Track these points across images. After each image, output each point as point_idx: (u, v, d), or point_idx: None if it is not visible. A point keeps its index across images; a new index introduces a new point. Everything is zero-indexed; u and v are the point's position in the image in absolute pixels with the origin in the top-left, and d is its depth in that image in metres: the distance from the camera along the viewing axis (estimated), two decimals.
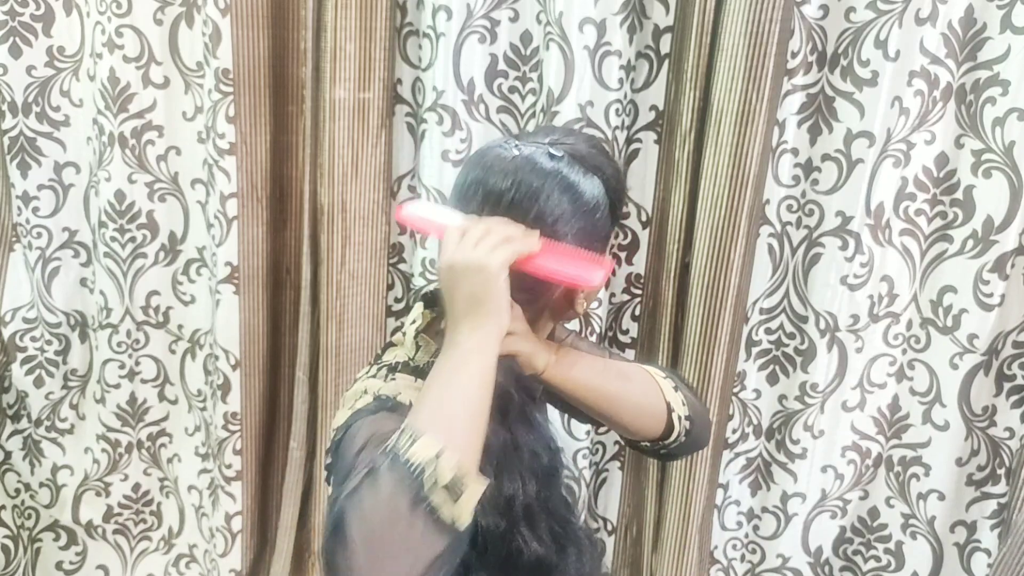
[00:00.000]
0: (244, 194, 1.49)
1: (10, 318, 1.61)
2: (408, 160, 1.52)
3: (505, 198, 0.73)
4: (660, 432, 0.85)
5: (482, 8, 1.37)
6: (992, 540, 1.40)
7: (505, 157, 0.75)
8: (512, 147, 0.76)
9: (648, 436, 0.87)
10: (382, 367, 0.82)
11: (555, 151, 0.75)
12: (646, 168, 1.43)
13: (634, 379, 0.85)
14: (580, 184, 0.75)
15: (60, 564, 1.75)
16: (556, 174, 0.74)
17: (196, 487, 1.72)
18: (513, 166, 0.74)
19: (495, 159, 0.76)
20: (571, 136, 0.80)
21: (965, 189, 1.31)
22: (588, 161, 0.77)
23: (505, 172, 0.73)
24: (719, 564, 1.58)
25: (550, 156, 0.75)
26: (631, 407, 0.84)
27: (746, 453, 1.52)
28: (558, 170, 0.74)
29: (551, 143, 0.77)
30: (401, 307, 1.60)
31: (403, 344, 0.84)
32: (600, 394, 0.82)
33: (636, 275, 1.48)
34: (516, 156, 0.75)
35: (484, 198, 0.74)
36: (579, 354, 0.83)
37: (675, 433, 0.86)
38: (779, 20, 1.21)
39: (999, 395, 1.36)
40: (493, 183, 0.74)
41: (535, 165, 0.74)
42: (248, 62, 1.43)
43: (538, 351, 0.78)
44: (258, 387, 1.60)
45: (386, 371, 0.81)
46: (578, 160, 0.76)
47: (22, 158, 1.53)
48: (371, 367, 0.84)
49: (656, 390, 0.85)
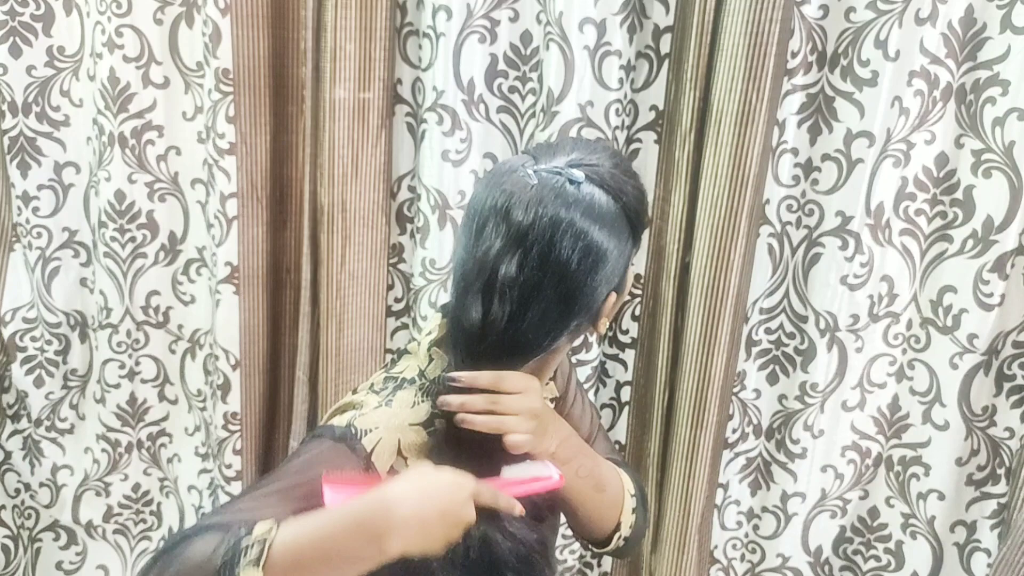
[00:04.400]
0: (244, 194, 1.49)
1: (10, 318, 1.61)
2: (408, 160, 1.52)
3: (528, 237, 0.71)
4: (598, 540, 0.90)
5: (482, 8, 1.37)
6: (992, 540, 1.40)
7: (526, 184, 0.73)
8: (531, 170, 0.74)
9: (587, 538, 0.92)
10: (390, 379, 0.82)
11: (576, 175, 0.73)
12: (646, 168, 1.43)
13: (607, 492, 0.87)
14: (599, 225, 0.73)
15: (60, 564, 1.75)
16: (577, 208, 0.72)
17: (196, 487, 1.72)
18: (536, 197, 0.72)
19: (515, 185, 0.73)
20: (594, 154, 0.77)
21: (965, 189, 1.31)
22: (609, 183, 0.75)
23: (526, 204, 0.71)
24: (719, 564, 1.58)
25: (571, 183, 0.73)
26: (592, 516, 0.87)
27: (746, 453, 1.53)
28: (579, 203, 0.72)
29: (571, 165, 0.75)
30: (401, 307, 1.60)
31: (417, 354, 0.83)
32: (573, 497, 0.83)
33: (636, 275, 1.48)
34: (535, 185, 0.72)
35: (507, 230, 0.72)
36: (577, 449, 0.83)
37: (608, 546, 0.90)
38: (779, 20, 1.21)
39: (999, 395, 1.36)
40: (515, 216, 0.71)
41: (556, 196, 0.72)
42: (248, 62, 1.43)
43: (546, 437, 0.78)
44: (258, 387, 1.60)
45: (392, 387, 0.80)
46: (599, 183, 0.74)
47: (22, 158, 1.53)
48: (384, 376, 0.83)
49: (618, 507, 0.89)
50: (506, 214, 0.72)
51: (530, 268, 0.71)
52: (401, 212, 1.55)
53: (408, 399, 0.79)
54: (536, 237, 0.71)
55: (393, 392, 0.80)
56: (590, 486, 0.84)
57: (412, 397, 0.79)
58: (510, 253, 0.71)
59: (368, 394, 0.80)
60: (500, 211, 0.72)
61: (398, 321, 1.61)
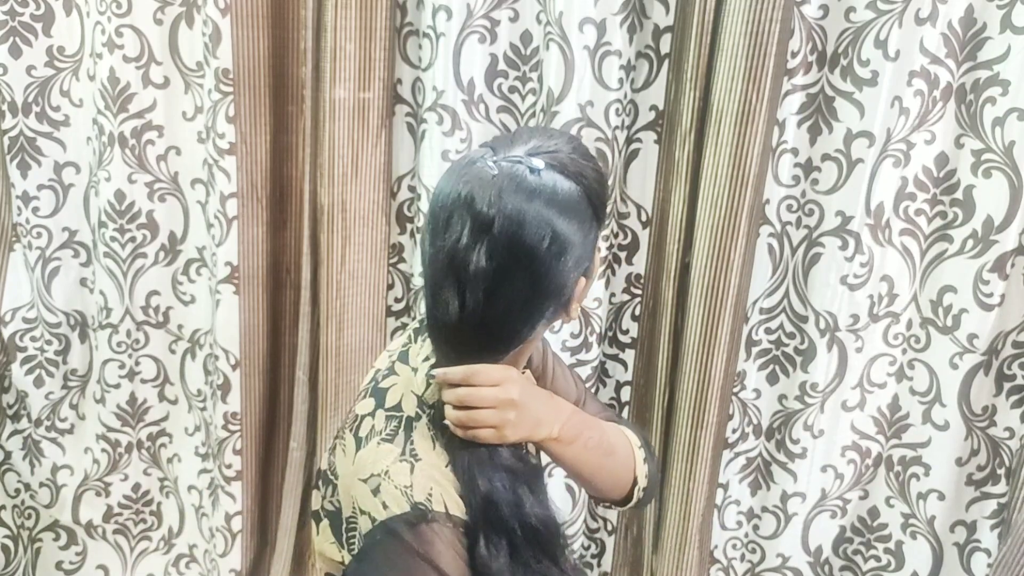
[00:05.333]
0: (244, 194, 1.49)
1: (10, 318, 1.61)
2: (408, 160, 1.52)
3: (494, 227, 0.71)
4: (620, 499, 0.94)
5: (482, 8, 1.37)
6: (992, 540, 1.40)
7: (487, 175, 0.73)
8: (491, 161, 0.74)
9: (609, 500, 0.95)
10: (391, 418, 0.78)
11: (536, 163, 0.73)
12: (646, 168, 1.43)
13: (617, 453, 0.90)
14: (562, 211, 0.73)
15: (60, 564, 1.75)
16: (540, 195, 0.72)
17: (196, 487, 1.72)
18: (496, 188, 0.71)
19: (476, 176, 0.73)
20: (551, 140, 0.77)
21: (965, 189, 1.31)
22: (569, 168, 0.75)
23: (488, 196, 0.71)
24: (719, 564, 1.58)
25: (531, 171, 0.73)
26: (608, 481, 0.91)
27: (746, 453, 1.53)
28: (541, 191, 0.72)
29: (531, 153, 0.75)
30: (401, 307, 1.60)
31: (402, 375, 0.82)
32: (587, 469, 0.87)
33: (636, 275, 1.48)
34: (496, 175, 0.72)
35: (472, 222, 0.71)
36: (581, 425, 0.85)
37: (631, 502, 0.94)
38: (779, 20, 1.21)
39: (999, 395, 1.36)
40: (478, 207, 0.71)
41: (517, 185, 0.71)
42: (248, 62, 1.43)
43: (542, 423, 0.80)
44: (258, 387, 1.60)
45: (400, 429, 0.77)
46: (559, 169, 0.74)
47: (22, 158, 1.53)
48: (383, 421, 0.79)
49: (631, 464, 0.92)
50: (469, 205, 0.72)
51: (499, 258, 0.71)
52: (401, 212, 1.55)
53: (426, 443, 0.77)
54: (502, 227, 0.71)
55: (405, 437, 0.77)
56: (601, 454, 0.87)
57: (428, 438, 0.77)
58: (478, 244, 0.71)
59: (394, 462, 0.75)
60: (464, 203, 0.72)
61: (398, 321, 1.61)
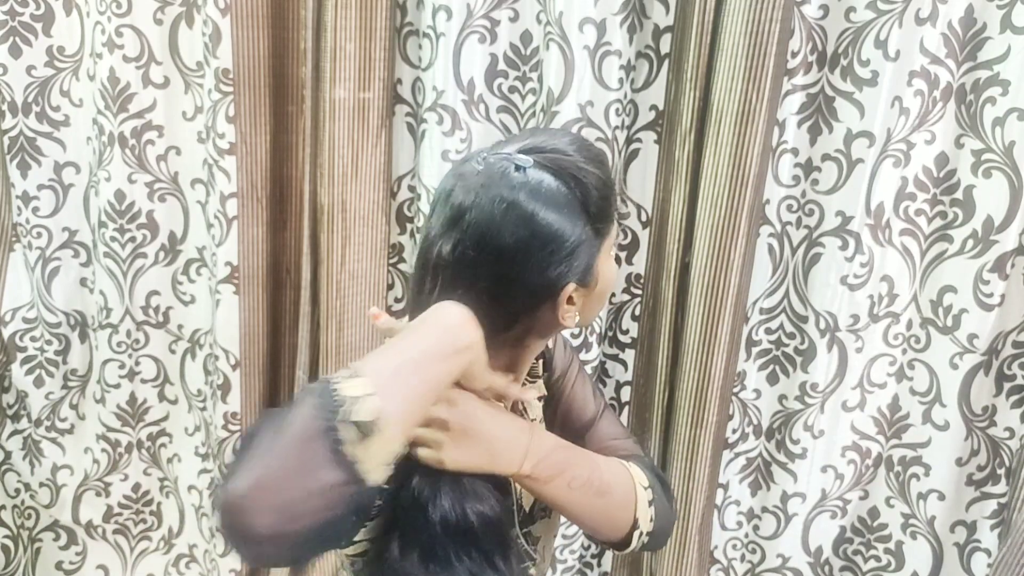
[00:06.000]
0: (244, 194, 1.49)
1: (10, 318, 1.61)
2: (408, 160, 1.52)
3: (465, 218, 0.71)
4: (616, 541, 0.86)
5: (482, 8, 1.37)
6: (992, 540, 1.40)
7: (473, 170, 0.73)
8: (479, 157, 0.74)
9: (601, 542, 0.88)
10: None
11: (522, 160, 0.72)
12: (646, 168, 1.43)
13: (612, 493, 0.82)
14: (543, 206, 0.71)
15: (60, 564, 1.75)
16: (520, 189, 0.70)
17: (196, 487, 1.72)
18: (477, 182, 0.71)
19: (463, 171, 0.74)
20: (554, 140, 0.76)
21: (965, 189, 1.31)
22: (566, 169, 0.73)
23: (468, 188, 0.72)
24: (719, 564, 1.58)
25: (516, 167, 0.72)
26: (599, 520, 0.83)
27: (746, 453, 1.52)
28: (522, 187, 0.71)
29: (524, 151, 0.74)
30: (401, 307, 1.60)
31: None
32: (571, 508, 0.80)
33: (636, 275, 1.48)
34: (481, 171, 0.72)
35: (447, 213, 0.72)
36: (562, 464, 0.78)
37: (630, 546, 0.86)
38: (779, 20, 1.21)
39: (999, 395, 1.36)
40: (455, 198, 0.72)
41: (499, 179, 0.71)
42: (248, 62, 1.43)
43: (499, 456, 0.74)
44: (258, 387, 1.60)
45: None
46: (551, 169, 0.72)
47: (22, 158, 1.53)
48: None
49: (631, 505, 0.84)
50: (448, 197, 0.73)
51: (467, 249, 0.71)
52: (401, 212, 1.55)
53: None
54: (473, 218, 0.71)
55: None
56: (590, 494, 0.80)
57: None
58: (449, 234, 0.72)
59: None
60: (445, 195, 0.74)
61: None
